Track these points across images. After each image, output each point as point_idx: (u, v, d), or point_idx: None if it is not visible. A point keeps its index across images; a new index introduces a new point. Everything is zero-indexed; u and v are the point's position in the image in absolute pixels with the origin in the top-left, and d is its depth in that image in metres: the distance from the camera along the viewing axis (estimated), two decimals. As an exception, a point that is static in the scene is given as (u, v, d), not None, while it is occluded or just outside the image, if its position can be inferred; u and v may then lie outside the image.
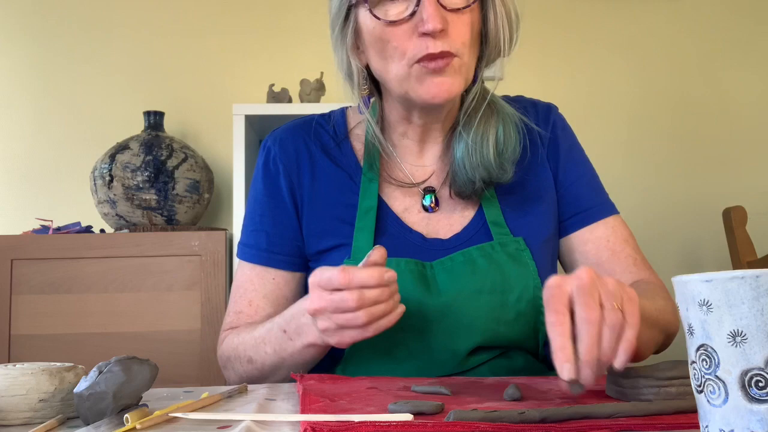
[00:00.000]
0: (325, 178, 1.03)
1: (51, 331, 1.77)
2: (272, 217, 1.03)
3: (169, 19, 2.35)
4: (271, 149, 1.06)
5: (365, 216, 0.99)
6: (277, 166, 1.04)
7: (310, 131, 1.06)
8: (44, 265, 1.79)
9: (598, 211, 1.04)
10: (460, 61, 0.90)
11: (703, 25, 2.46)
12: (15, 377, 0.64)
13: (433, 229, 1.00)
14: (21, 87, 2.32)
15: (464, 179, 0.98)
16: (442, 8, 0.88)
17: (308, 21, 2.37)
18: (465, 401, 0.68)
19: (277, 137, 1.07)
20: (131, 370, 0.63)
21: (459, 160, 0.98)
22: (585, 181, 1.06)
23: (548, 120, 1.07)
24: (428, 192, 1.02)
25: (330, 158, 1.04)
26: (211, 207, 2.26)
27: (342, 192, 1.01)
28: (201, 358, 1.79)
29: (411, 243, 0.98)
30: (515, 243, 0.97)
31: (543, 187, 1.04)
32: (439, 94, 0.90)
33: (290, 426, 0.59)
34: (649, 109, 2.43)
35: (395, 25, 0.89)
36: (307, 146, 1.05)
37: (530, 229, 1.00)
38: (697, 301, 0.43)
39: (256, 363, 0.94)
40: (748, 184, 2.40)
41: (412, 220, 1.00)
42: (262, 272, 1.02)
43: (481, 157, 0.96)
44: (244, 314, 1.02)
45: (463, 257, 0.95)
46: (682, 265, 2.36)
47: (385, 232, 0.99)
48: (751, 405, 0.41)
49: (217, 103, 2.30)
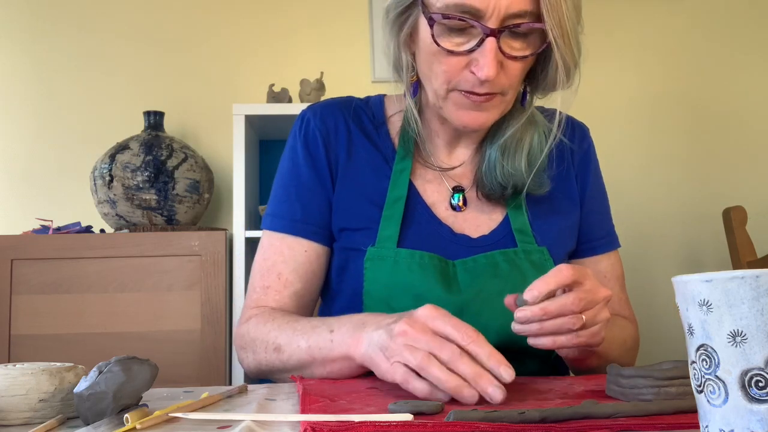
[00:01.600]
0: (360, 157, 1.02)
1: (51, 331, 1.77)
2: (310, 186, 1.01)
3: (169, 19, 2.35)
4: (311, 120, 1.04)
5: (394, 205, 0.98)
6: (316, 137, 1.02)
7: (350, 110, 1.05)
8: (44, 265, 1.79)
9: (606, 243, 1.08)
10: (502, 99, 0.90)
11: (704, 25, 2.46)
12: (15, 377, 0.64)
13: (460, 227, 1.00)
14: (21, 87, 2.32)
15: (493, 182, 0.98)
16: (501, 53, 0.86)
17: (308, 21, 2.37)
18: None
19: (317, 110, 1.05)
20: (131, 370, 0.63)
21: (491, 162, 0.99)
22: (600, 212, 1.09)
23: (583, 141, 1.09)
24: (457, 191, 1.02)
25: (368, 139, 1.03)
26: (211, 207, 2.26)
27: (376, 174, 1.01)
28: (201, 358, 1.79)
29: (439, 235, 0.98)
30: (539, 252, 0.98)
31: (569, 203, 1.05)
32: (470, 124, 0.91)
33: (290, 426, 0.59)
34: (649, 110, 2.43)
35: (451, 54, 0.87)
36: (346, 123, 1.03)
37: (554, 240, 1.01)
38: (697, 301, 0.43)
39: (284, 354, 0.88)
40: (748, 184, 2.40)
41: (441, 215, 1.00)
42: (293, 243, 0.99)
43: (513, 165, 0.97)
44: (272, 289, 0.98)
45: (486, 260, 0.96)
46: (682, 265, 2.36)
47: (415, 221, 0.98)
48: (751, 405, 0.41)
49: (217, 103, 2.30)
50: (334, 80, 2.23)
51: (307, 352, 0.84)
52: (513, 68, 0.88)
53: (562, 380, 0.83)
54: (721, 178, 2.40)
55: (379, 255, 0.94)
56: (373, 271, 0.94)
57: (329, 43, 2.36)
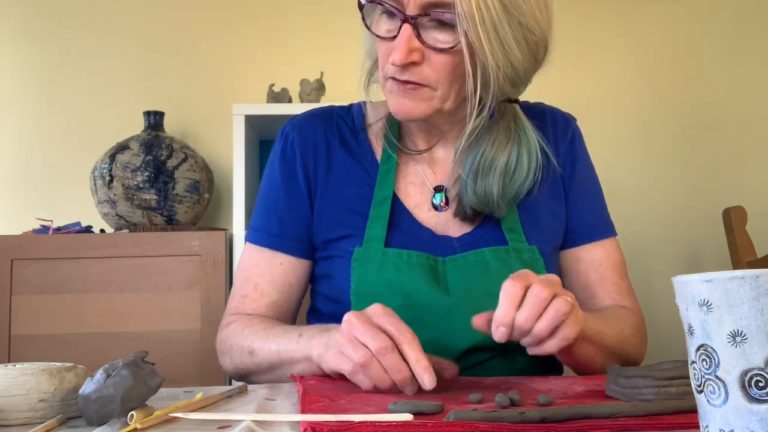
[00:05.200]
0: (340, 168, 1.03)
1: (51, 331, 1.77)
2: (286, 202, 1.03)
3: (169, 19, 2.35)
4: (289, 135, 1.05)
5: (380, 206, 0.99)
6: (294, 152, 1.04)
7: (331, 122, 1.06)
8: (44, 265, 1.79)
9: (597, 231, 1.06)
10: (431, 92, 0.89)
11: (704, 26, 2.46)
12: (15, 377, 0.64)
13: (443, 227, 1.00)
14: (21, 87, 2.31)
15: (468, 200, 0.98)
16: (421, 42, 0.85)
17: (308, 21, 2.37)
18: (465, 401, 0.68)
19: (296, 124, 1.06)
20: (139, 375, 0.63)
21: (463, 183, 0.98)
22: (590, 199, 1.07)
23: (566, 132, 1.08)
24: (438, 190, 1.02)
25: (347, 150, 1.04)
26: (211, 207, 2.26)
27: (356, 184, 1.02)
28: (201, 358, 1.79)
29: (420, 238, 0.98)
30: (530, 251, 0.98)
31: (555, 198, 1.04)
32: (399, 112, 0.91)
33: (290, 426, 0.59)
34: (649, 110, 2.43)
35: (381, 40, 0.89)
36: (325, 135, 1.04)
37: (544, 239, 1.01)
38: (697, 301, 0.43)
39: (257, 357, 0.92)
40: (748, 184, 2.40)
41: (422, 217, 1.00)
42: (270, 256, 1.02)
43: (485, 187, 0.95)
44: (249, 298, 1.01)
45: (476, 257, 0.96)
46: (682, 265, 2.36)
47: (398, 225, 0.99)
48: (751, 405, 0.41)
49: (217, 103, 2.30)
50: (334, 80, 2.23)
51: (276, 355, 0.89)
52: (438, 61, 0.86)
53: (562, 380, 0.83)
54: (721, 178, 2.40)
55: (366, 255, 0.95)
56: (361, 271, 0.95)
57: (329, 43, 2.36)
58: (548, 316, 0.74)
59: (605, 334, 0.91)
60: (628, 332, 0.98)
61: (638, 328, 1.02)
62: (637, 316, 1.04)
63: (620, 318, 0.99)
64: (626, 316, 1.01)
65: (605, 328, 0.91)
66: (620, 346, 0.95)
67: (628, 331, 0.98)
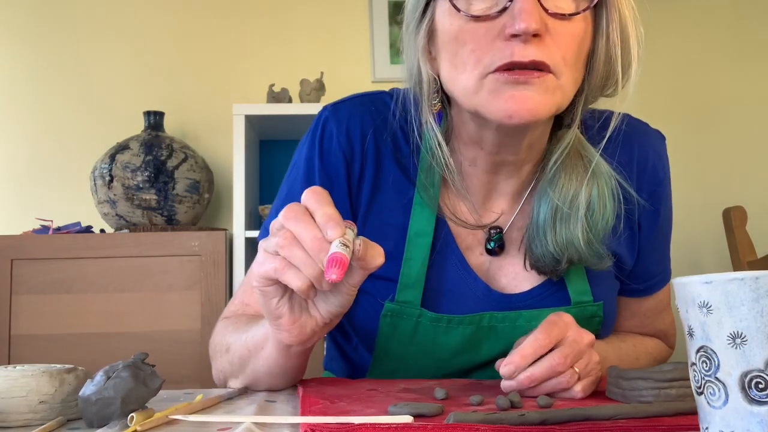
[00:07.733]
0: (387, 186, 0.84)
1: (51, 331, 1.77)
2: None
3: (169, 19, 2.35)
4: (333, 134, 0.84)
5: (416, 240, 0.81)
6: (338, 160, 0.83)
7: (385, 122, 0.84)
8: (44, 265, 1.79)
9: (655, 285, 0.96)
10: (555, 81, 0.70)
11: (704, 25, 2.45)
12: (15, 379, 0.64)
13: (494, 276, 0.84)
14: (21, 87, 2.31)
15: (544, 251, 0.79)
16: (544, 11, 0.68)
17: (308, 21, 2.37)
18: (465, 403, 0.68)
19: (342, 121, 0.84)
20: (140, 377, 0.63)
21: (540, 226, 0.79)
22: (659, 252, 0.95)
23: (657, 166, 0.94)
24: (494, 231, 0.84)
25: (400, 167, 0.84)
26: (211, 207, 2.26)
27: (404, 209, 0.83)
28: (201, 358, 1.79)
29: (471, 294, 0.82)
30: (594, 309, 0.83)
31: (628, 245, 0.90)
32: (518, 111, 0.69)
33: (290, 428, 0.59)
34: (648, 109, 2.42)
35: (478, 21, 0.69)
36: (376, 144, 0.84)
37: (610, 291, 0.88)
38: (696, 302, 0.43)
39: (231, 353, 0.79)
40: (748, 184, 2.40)
41: (475, 262, 0.83)
42: None
43: (569, 231, 0.77)
44: (250, 308, 0.87)
45: (529, 320, 0.81)
46: (682, 265, 2.35)
47: (444, 269, 0.81)
48: (751, 407, 0.41)
49: (217, 103, 2.30)
50: (334, 80, 2.23)
51: (245, 345, 0.76)
52: (564, 33, 0.69)
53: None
54: (721, 178, 2.40)
55: (398, 313, 0.81)
56: (391, 328, 0.82)
57: (329, 43, 2.36)
58: (547, 386, 0.69)
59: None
60: (644, 360, 0.93)
61: (653, 356, 0.96)
62: (661, 344, 0.99)
63: (637, 346, 0.94)
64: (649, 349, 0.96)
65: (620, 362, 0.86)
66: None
67: (643, 359, 0.93)
